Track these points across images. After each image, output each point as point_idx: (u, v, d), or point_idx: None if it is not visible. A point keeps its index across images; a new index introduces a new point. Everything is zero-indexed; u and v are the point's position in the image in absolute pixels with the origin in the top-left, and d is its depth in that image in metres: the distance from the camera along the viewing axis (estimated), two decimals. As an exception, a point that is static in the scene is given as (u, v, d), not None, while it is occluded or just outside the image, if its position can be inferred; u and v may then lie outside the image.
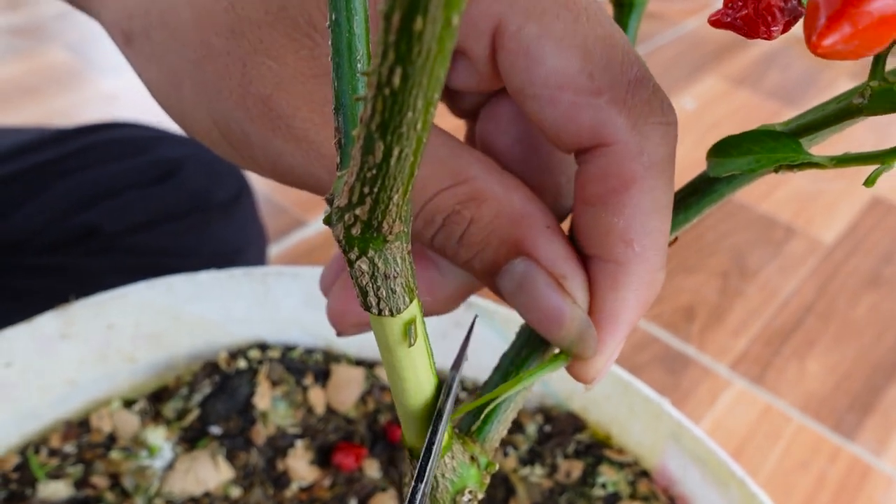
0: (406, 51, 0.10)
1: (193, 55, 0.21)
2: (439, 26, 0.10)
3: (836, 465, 0.65)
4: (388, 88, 0.11)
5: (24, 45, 1.10)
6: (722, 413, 0.68)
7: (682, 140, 0.91)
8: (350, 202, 0.14)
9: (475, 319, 0.22)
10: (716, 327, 0.75)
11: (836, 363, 0.73)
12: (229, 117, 0.21)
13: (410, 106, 0.11)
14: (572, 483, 0.35)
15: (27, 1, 1.20)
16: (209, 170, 0.54)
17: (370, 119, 0.12)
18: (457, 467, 0.20)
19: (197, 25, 0.21)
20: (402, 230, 0.15)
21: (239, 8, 0.20)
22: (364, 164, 0.13)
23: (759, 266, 0.83)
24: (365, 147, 0.12)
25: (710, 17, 0.17)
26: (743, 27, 0.16)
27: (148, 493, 0.34)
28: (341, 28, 0.16)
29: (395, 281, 0.15)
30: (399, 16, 0.10)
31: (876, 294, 0.81)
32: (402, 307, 0.16)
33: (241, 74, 0.20)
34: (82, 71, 1.06)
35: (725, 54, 1.21)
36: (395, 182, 0.13)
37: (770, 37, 0.16)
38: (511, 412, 0.21)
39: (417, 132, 0.12)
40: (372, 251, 0.15)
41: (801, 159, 0.16)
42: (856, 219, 0.91)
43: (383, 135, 0.12)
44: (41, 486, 0.33)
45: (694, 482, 0.34)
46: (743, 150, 0.17)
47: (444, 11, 0.10)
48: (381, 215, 0.14)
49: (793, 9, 0.16)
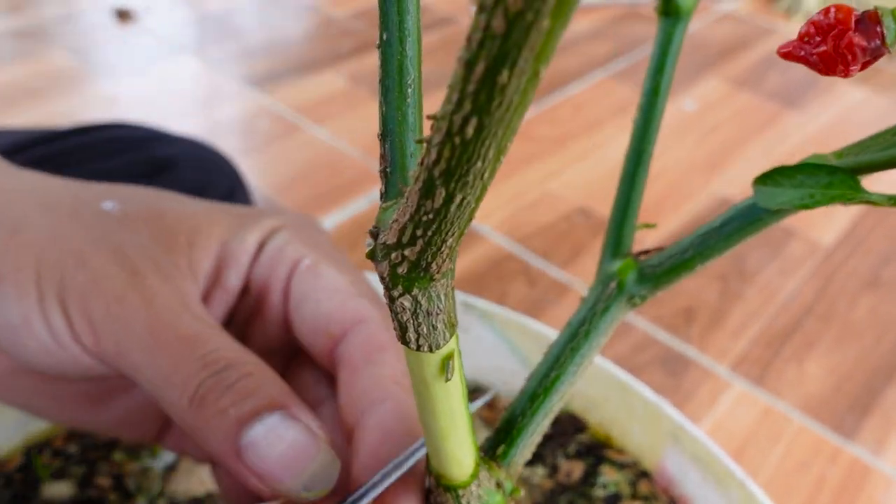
0: (486, 102, 0.10)
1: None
2: (525, 79, 0.09)
3: (837, 465, 0.65)
4: (458, 137, 0.10)
5: (26, 47, 1.10)
6: (722, 414, 0.68)
7: (683, 141, 0.92)
8: (399, 241, 0.13)
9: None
10: (716, 329, 0.76)
11: (835, 364, 0.73)
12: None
13: (481, 157, 0.11)
14: (573, 483, 0.35)
15: (29, 4, 1.20)
16: (203, 166, 0.54)
17: (433, 165, 0.11)
18: (483, 494, 0.19)
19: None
20: (449, 269, 0.14)
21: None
22: (421, 208, 0.12)
23: (759, 268, 0.83)
24: (424, 191, 0.12)
25: (780, 48, 0.15)
26: (819, 64, 0.15)
27: (151, 494, 0.34)
28: (392, 49, 0.15)
29: (437, 318, 0.15)
30: (484, 66, 0.09)
31: (875, 296, 0.81)
32: (441, 343, 0.15)
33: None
34: (84, 74, 1.06)
35: (726, 56, 1.21)
36: (453, 227, 0.12)
37: (847, 75, 0.15)
38: (537, 435, 0.20)
39: (484, 181, 0.11)
40: (416, 290, 0.14)
41: (859, 198, 0.15)
42: (855, 221, 0.91)
43: (447, 182, 0.11)
44: (45, 487, 0.34)
45: (694, 483, 0.34)
46: (796, 183, 0.17)
47: (534, 64, 0.09)
48: (431, 257, 0.13)
49: (876, 48, 0.15)
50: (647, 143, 0.21)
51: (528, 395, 0.20)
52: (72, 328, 0.24)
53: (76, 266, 0.24)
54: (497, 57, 0.09)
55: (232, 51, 1.14)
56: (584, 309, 0.20)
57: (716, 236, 0.19)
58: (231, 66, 1.10)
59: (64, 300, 0.24)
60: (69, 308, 0.24)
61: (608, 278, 0.20)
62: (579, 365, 0.20)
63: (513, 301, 0.72)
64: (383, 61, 0.15)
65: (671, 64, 0.20)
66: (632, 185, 0.21)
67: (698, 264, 0.19)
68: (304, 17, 1.29)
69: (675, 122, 1.03)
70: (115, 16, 1.19)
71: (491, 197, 0.88)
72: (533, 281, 0.75)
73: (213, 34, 1.18)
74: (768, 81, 1.15)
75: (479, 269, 0.77)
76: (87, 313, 0.24)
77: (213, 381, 0.23)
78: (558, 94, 1.09)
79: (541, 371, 0.20)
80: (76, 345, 0.24)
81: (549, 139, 0.99)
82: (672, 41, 0.20)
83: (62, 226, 0.25)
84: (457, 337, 0.16)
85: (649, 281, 0.20)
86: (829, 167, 0.16)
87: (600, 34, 1.26)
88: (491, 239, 0.81)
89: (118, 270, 0.25)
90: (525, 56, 0.09)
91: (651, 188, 0.98)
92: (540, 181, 0.92)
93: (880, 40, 0.14)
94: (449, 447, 0.18)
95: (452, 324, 0.15)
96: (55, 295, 0.24)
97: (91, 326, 0.24)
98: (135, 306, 0.24)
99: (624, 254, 0.21)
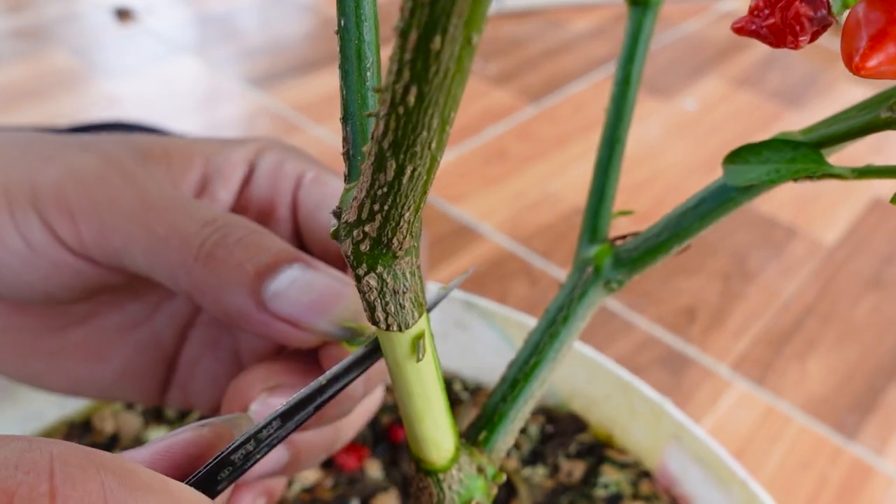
0: (422, 70, 0.10)
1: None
2: (458, 46, 0.10)
3: (838, 465, 0.65)
4: (402, 107, 0.11)
5: (28, 47, 1.10)
6: (723, 414, 0.68)
7: (683, 141, 0.92)
8: (359, 218, 0.13)
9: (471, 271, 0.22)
10: (717, 328, 0.75)
11: (837, 364, 0.73)
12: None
13: (425, 125, 0.11)
14: (574, 483, 0.35)
15: (30, 4, 1.20)
16: None
17: (382, 136, 0.11)
18: (464, 479, 0.19)
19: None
20: (412, 245, 0.14)
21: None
22: (375, 182, 0.12)
23: (761, 267, 0.83)
24: (376, 164, 0.12)
25: (733, 24, 0.16)
26: (769, 36, 0.15)
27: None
28: (350, 34, 0.15)
29: (403, 296, 0.15)
30: (416, 34, 0.09)
31: (877, 295, 0.81)
32: (410, 322, 0.16)
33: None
34: (85, 74, 1.06)
35: (726, 55, 1.21)
36: (408, 200, 0.13)
37: (797, 46, 0.15)
38: (518, 421, 0.21)
39: (432, 151, 0.12)
40: (381, 267, 0.14)
41: (822, 171, 0.16)
42: (857, 220, 0.91)
43: (396, 153, 0.11)
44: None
45: (696, 482, 0.34)
46: (762, 159, 0.17)
47: (465, 30, 0.09)
48: (391, 232, 0.13)
49: (822, 18, 0.15)
50: (620, 132, 0.21)
51: (509, 382, 0.21)
52: (50, 230, 0.22)
53: (45, 164, 0.23)
54: (428, 24, 0.09)
55: (232, 50, 1.14)
56: (561, 295, 0.21)
57: (689, 217, 0.19)
58: (231, 66, 1.10)
59: (37, 204, 0.22)
60: (44, 209, 0.22)
61: (585, 264, 0.21)
62: (558, 351, 0.20)
63: (514, 300, 0.72)
64: (342, 46, 0.16)
65: (642, 53, 0.21)
66: (606, 174, 0.21)
67: (674, 246, 0.19)
68: (304, 17, 1.29)
69: (675, 122, 1.03)
70: (115, 15, 1.19)
71: (491, 196, 0.88)
72: (534, 280, 0.75)
73: (213, 34, 1.18)
74: (769, 81, 1.15)
75: (479, 268, 0.77)
76: (64, 206, 0.22)
77: (217, 236, 0.21)
78: (558, 94, 1.09)
79: (521, 358, 0.21)
80: (57, 246, 0.22)
81: (550, 139, 0.99)
82: (642, 30, 0.21)
83: (26, 144, 0.24)
84: (427, 318, 0.16)
85: (625, 265, 0.20)
86: (794, 143, 0.16)
87: (600, 33, 1.26)
88: (492, 238, 0.81)
89: (93, 159, 0.23)
90: (454, 22, 0.09)
91: (651, 187, 0.99)
92: (540, 181, 0.92)
93: (826, 10, 0.14)
94: (426, 430, 0.18)
95: (421, 303, 0.15)
96: (26, 199, 0.22)
97: (71, 218, 0.22)
98: (117, 185, 0.22)
99: (600, 240, 0.21)
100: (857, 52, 0.12)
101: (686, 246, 0.20)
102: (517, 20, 1.26)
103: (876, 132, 0.15)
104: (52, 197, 0.22)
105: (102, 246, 0.22)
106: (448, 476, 0.19)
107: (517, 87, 1.08)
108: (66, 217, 0.22)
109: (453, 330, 0.40)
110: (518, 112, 1.02)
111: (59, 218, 0.22)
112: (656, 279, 0.79)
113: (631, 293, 0.77)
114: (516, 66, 1.13)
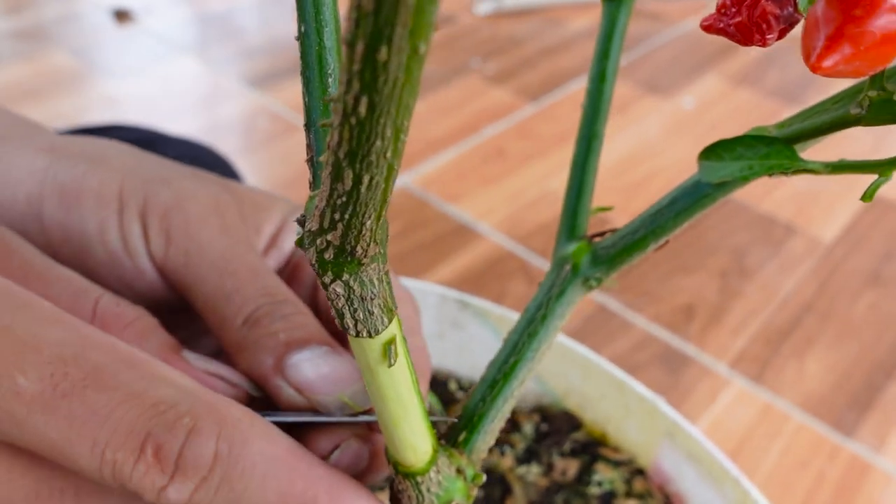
0: (371, 80, 0.10)
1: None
2: (405, 56, 0.10)
3: (836, 463, 0.65)
4: (354, 117, 0.11)
5: (27, 48, 1.10)
6: (721, 412, 0.68)
7: (682, 139, 0.92)
8: (322, 227, 0.13)
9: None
10: (715, 326, 0.76)
11: (835, 362, 0.73)
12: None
13: (379, 135, 0.11)
14: (568, 481, 0.36)
15: (30, 4, 1.20)
16: (204, 167, 0.54)
17: (337, 147, 0.11)
18: (442, 481, 0.19)
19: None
20: (377, 252, 0.14)
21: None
22: (334, 192, 0.12)
23: (759, 265, 0.83)
24: (334, 174, 0.12)
25: (702, 21, 0.16)
26: (736, 34, 0.15)
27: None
28: (310, 40, 0.15)
29: (372, 303, 0.15)
30: (363, 45, 0.09)
31: (875, 293, 0.81)
32: (380, 328, 0.16)
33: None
34: (85, 74, 1.06)
35: (725, 53, 1.21)
36: (367, 208, 0.12)
37: (764, 44, 0.15)
38: (498, 422, 0.21)
39: (388, 160, 0.11)
40: (347, 275, 0.14)
41: (795, 166, 0.16)
42: (855, 217, 0.91)
43: (352, 163, 0.11)
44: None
45: (689, 480, 0.34)
46: (735, 156, 0.17)
47: (410, 40, 0.09)
48: (354, 240, 0.13)
49: (788, 16, 0.15)
50: (597, 128, 0.21)
51: (489, 383, 0.21)
52: (146, 237, 0.25)
53: (161, 185, 0.26)
54: (373, 34, 0.09)
55: (231, 51, 1.14)
56: (540, 294, 0.21)
57: (666, 214, 0.19)
58: (230, 66, 1.10)
59: (144, 213, 0.26)
60: (148, 220, 0.25)
61: (563, 261, 0.20)
62: (537, 350, 0.20)
63: (511, 299, 0.72)
64: (302, 53, 0.15)
65: (616, 48, 0.21)
66: (583, 170, 0.21)
67: (651, 243, 0.19)
68: (304, 16, 1.29)
69: (673, 120, 1.03)
70: (113, 16, 1.19)
71: (489, 195, 0.88)
72: (532, 279, 0.75)
73: (212, 34, 1.18)
74: (767, 79, 1.15)
75: (477, 267, 0.77)
76: (165, 226, 0.25)
77: (270, 307, 0.24)
78: (557, 92, 1.09)
79: (500, 358, 0.21)
80: (146, 254, 0.25)
81: (548, 137, 0.99)
82: (616, 25, 0.21)
83: (141, 159, 0.27)
84: (398, 322, 0.16)
85: (603, 262, 0.20)
86: (768, 138, 0.16)
87: (597, 32, 1.26)
88: (490, 237, 0.82)
89: (203, 197, 0.26)
90: (399, 32, 0.09)
91: (650, 186, 0.99)
92: (539, 179, 0.92)
93: (793, 7, 0.14)
94: (401, 433, 0.18)
95: (390, 308, 0.15)
96: (136, 208, 0.26)
97: (167, 238, 0.25)
98: (213, 229, 0.25)
99: (579, 237, 0.21)
100: (815, 52, 0.12)
101: (663, 242, 0.20)
102: (515, 19, 1.26)
103: (846, 128, 0.15)
104: (158, 216, 0.25)
105: (181, 275, 0.25)
106: (426, 479, 0.19)
107: (516, 85, 1.08)
108: (163, 236, 0.25)
109: (449, 329, 0.40)
110: (517, 111, 1.03)
111: (157, 234, 0.25)
112: (655, 278, 0.79)
113: (630, 292, 0.77)
114: (515, 65, 1.13)
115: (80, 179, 0.26)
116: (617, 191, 0.86)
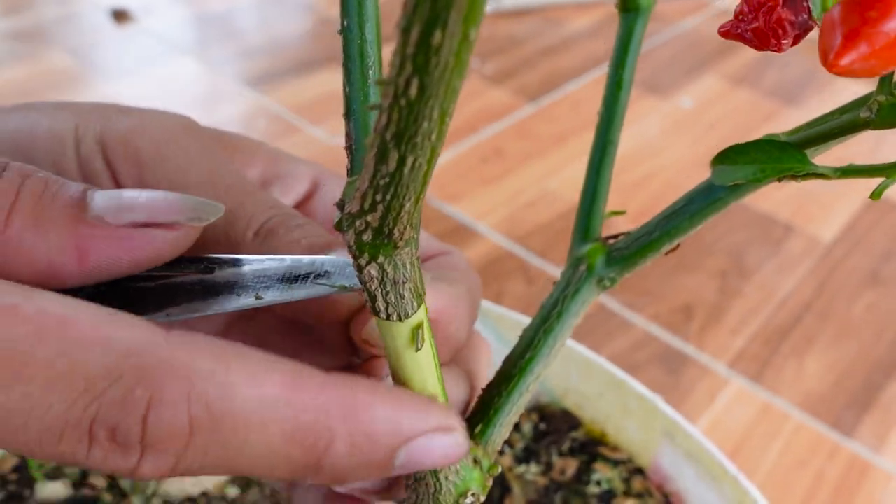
0: (424, 63, 0.10)
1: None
2: (457, 41, 0.10)
3: (835, 462, 0.65)
4: (404, 99, 0.11)
5: (26, 48, 1.10)
6: (721, 411, 0.68)
7: (681, 139, 0.92)
8: (362, 209, 0.14)
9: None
10: (714, 326, 0.76)
11: (834, 361, 0.73)
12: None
13: (427, 116, 0.11)
14: (567, 481, 0.36)
15: (28, 5, 1.20)
16: None
17: (385, 128, 0.12)
18: (460, 470, 0.20)
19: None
20: (412, 236, 0.15)
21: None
22: (377, 173, 0.13)
23: (758, 265, 0.83)
24: (379, 155, 0.12)
25: (720, 28, 0.17)
26: (753, 40, 0.16)
27: (145, 494, 0.34)
28: (353, 34, 0.16)
29: (403, 286, 0.16)
30: (418, 30, 0.10)
31: (875, 292, 0.81)
32: (410, 312, 0.16)
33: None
34: (83, 75, 1.06)
35: (723, 54, 1.21)
36: (408, 191, 0.13)
37: (780, 49, 0.16)
38: (514, 415, 0.21)
39: (432, 142, 0.12)
40: (382, 257, 0.15)
41: (806, 170, 0.17)
42: (854, 217, 0.91)
43: (398, 144, 0.12)
44: (39, 487, 0.34)
45: (688, 479, 0.34)
46: (748, 159, 0.18)
47: (463, 26, 0.10)
48: (392, 222, 0.14)
49: (803, 22, 0.16)
50: (612, 134, 0.21)
51: (505, 376, 0.21)
52: (112, 174, 0.22)
53: (118, 114, 0.23)
54: (429, 20, 0.10)
55: (230, 51, 1.14)
56: (556, 292, 0.21)
57: (679, 217, 0.20)
58: (229, 66, 1.10)
59: (105, 144, 0.22)
60: (111, 154, 0.22)
61: (578, 262, 0.21)
62: (552, 346, 0.21)
63: (510, 299, 0.72)
64: (345, 46, 0.16)
65: (632, 58, 0.21)
66: (598, 175, 0.22)
67: (664, 245, 0.20)
68: (304, 17, 1.29)
69: (672, 120, 1.03)
70: (112, 17, 1.19)
71: (488, 195, 0.88)
72: (531, 279, 0.75)
73: (211, 34, 1.18)
74: (766, 78, 1.15)
75: (476, 267, 0.77)
76: (132, 155, 0.22)
77: (282, 218, 0.21)
78: (556, 92, 1.09)
79: (516, 353, 0.21)
80: (114, 186, 0.22)
81: (548, 137, 0.99)
82: (633, 36, 0.22)
83: (108, 105, 0.24)
84: (426, 308, 0.16)
85: (618, 263, 0.21)
86: (780, 143, 0.17)
87: (598, 32, 1.26)
88: (489, 237, 0.82)
89: (171, 121, 0.23)
90: (454, 18, 0.10)
91: (649, 186, 0.99)
92: (538, 179, 0.92)
93: (807, 14, 0.15)
94: None
95: (420, 293, 0.16)
96: (94, 140, 0.22)
97: (137, 168, 0.22)
98: (192, 149, 0.22)
99: (593, 238, 0.21)
100: (832, 50, 0.13)
101: (676, 245, 0.20)
102: (515, 18, 1.26)
103: (857, 132, 0.16)
104: (122, 143, 0.22)
105: None
106: (444, 468, 0.19)
107: (515, 85, 1.08)
108: (133, 166, 0.22)
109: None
110: (516, 111, 1.03)
111: (125, 165, 0.21)
112: (654, 277, 0.79)
113: (629, 291, 0.77)
114: (514, 65, 1.13)
115: (33, 125, 0.22)
116: (615, 190, 0.86)
